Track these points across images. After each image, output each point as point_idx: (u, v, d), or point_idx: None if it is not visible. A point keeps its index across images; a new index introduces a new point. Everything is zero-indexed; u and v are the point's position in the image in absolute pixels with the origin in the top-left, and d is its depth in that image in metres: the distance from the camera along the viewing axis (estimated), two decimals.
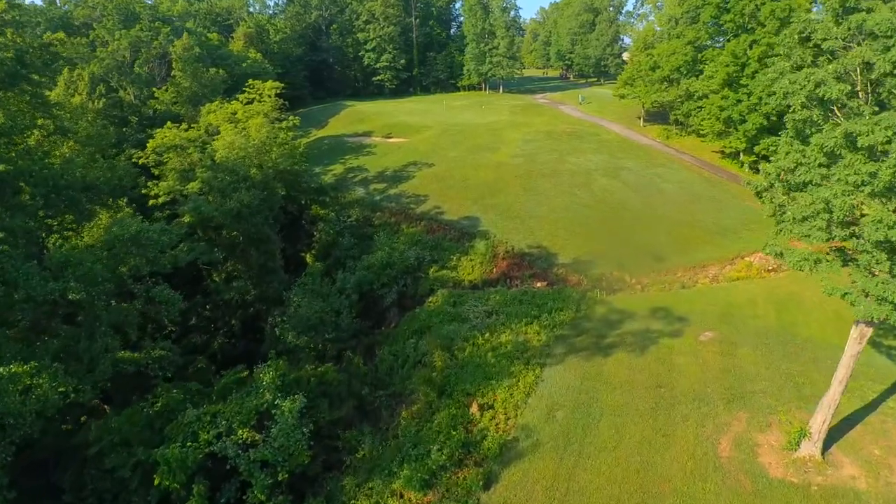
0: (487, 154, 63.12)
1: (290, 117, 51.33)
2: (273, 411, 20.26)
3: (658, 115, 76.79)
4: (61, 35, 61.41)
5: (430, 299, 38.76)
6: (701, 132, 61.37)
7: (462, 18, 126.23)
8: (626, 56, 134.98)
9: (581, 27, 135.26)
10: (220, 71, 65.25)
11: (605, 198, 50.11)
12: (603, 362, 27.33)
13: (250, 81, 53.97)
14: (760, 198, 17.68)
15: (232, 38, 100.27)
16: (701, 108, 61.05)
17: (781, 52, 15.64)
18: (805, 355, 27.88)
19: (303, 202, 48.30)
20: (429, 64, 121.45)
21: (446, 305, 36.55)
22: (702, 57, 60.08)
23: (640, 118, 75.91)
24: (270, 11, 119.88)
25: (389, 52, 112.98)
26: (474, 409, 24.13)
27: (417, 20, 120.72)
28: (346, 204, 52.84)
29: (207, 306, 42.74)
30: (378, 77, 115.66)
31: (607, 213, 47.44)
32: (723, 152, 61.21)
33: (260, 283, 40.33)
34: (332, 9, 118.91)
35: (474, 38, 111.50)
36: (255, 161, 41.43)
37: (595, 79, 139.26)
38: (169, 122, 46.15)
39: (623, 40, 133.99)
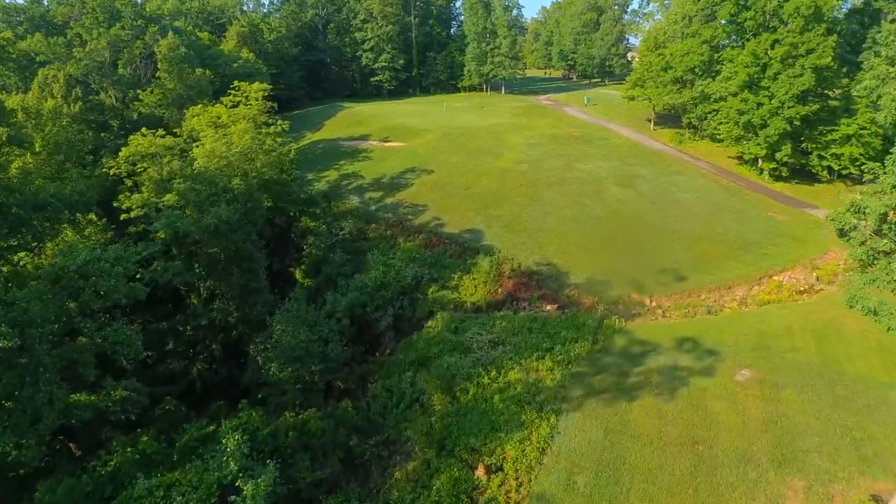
0: (490, 159, 59.52)
1: (279, 121, 47.68)
2: (233, 498, 16.60)
3: (669, 118, 73.19)
4: (38, 36, 57.84)
5: (429, 324, 35.19)
6: (717, 137, 57.75)
7: (463, 17, 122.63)
8: (630, 56, 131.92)
9: (585, 26, 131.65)
10: (207, 72, 61.59)
11: (618, 209, 46.48)
12: (628, 409, 23.73)
13: (236, 83, 50.35)
14: (846, 238, 14.08)
15: (224, 37, 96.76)
16: (717, 111, 57.43)
17: (883, 54, 12.11)
18: (857, 401, 24.29)
19: (291, 214, 44.66)
20: (428, 64, 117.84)
21: (447, 332, 32.97)
22: (718, 57, 56.46)
23: (650, 121, 72.30)
24: (265, 10, 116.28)
25: (388, 52, 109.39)
26: (480, 472, 20.56)
27: (417, 19, 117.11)
28: (338, 215, 49.24)
29: (187, 329, 39.18)
30: (376, 78, 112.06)
31: (621, 226, 43.81)
32: (741, 158, 57.58)
33: (242, 304, 36.73)
34: (328, 7, 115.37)
35: (475, 38, 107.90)
36: (238, 170, 37.81)
37: (599, 79, 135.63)
38: (144, 129, 42.50)
39: (628, 40, 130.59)
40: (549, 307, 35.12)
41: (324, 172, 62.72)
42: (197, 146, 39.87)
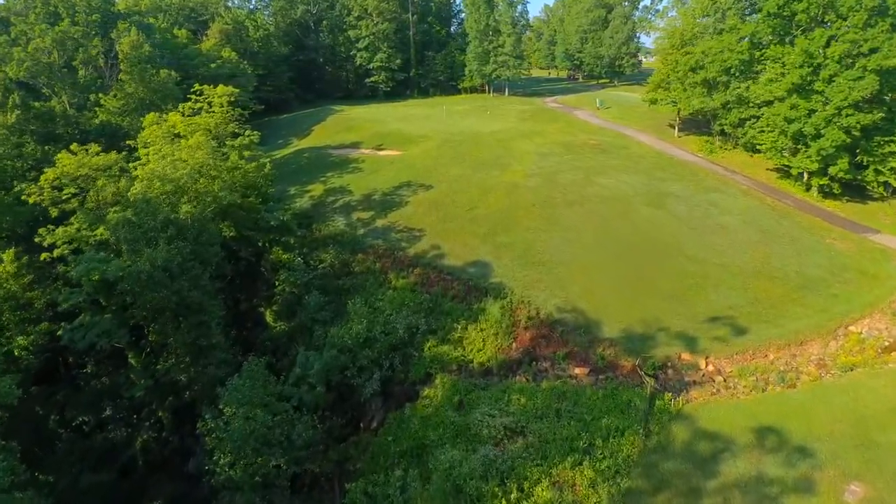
0: (496, 172, 52.12)
1: (247, 132, 40.16)
2: None
3: (693, 124, 65.79)
4: None
5: (426, 391, 27.87)
6: (757, 147, 50.38)
7: (464, 14, 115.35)
8: (651, 54, 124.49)
9: (592, 24, 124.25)
10: (173, 73, 54.13)
11: (651, 235, 39.09)
12: None
13: (196, 86, 42.83)
14: None
15: (206, 35, 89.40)
16: (757, 117, 50.10)
17: None
18: None
19: (260, 244, 37.24)
20: (427, 64, 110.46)
21: (448, 407, 25.67)
22: (760, 55, 49.08)
23: (674, 127, 64.93)
24: (252, 6, 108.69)
25: (384, 52, 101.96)
26: None
27: (415, 16, 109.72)
28: (320, 241, 41.82)
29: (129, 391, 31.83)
30: (371, 79, 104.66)
31: (658, 258, 36.45)
32: (783, 171, 50.19)
33: (194, 363, 29.35)
34: (320, 4, 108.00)
35: (477, 36, 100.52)
36: (189, 195, 30.47)
37: (607, 80, 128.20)
38: (74, 145, 35.04)
39: (639, 38, 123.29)
40: (577, 371, 27.76)
41: (309, 186, 55.35)
42: (136, 166, 32.49)
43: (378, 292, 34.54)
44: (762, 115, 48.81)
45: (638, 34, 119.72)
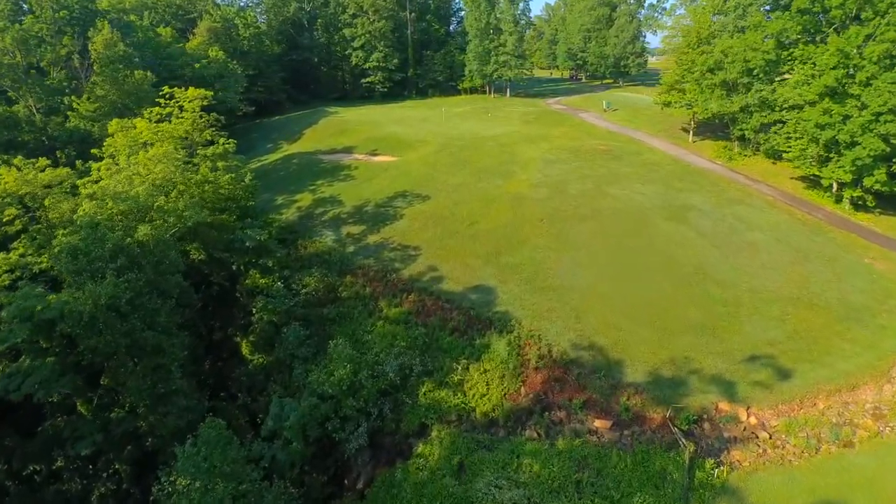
0: (499, 181, 48.16)
1: (222, 140, 36.08)
2: None
3: (707, 127, 61.78)
4: None
5: (421, 447, 23.90)
6: (782, 154, 46.38)
7: (463, 12, 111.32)
8: (648, 56, 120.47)
9: (596, 23, 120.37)
10: (148, 74, 50.02)
11: (673, 255, 35.08)
12: None
13: (166, 89, 38.68)
14: None
15: (193, 34, 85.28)
16: (783, 122, 46.12)
17: None
18: None
19: (235, 267, 33.12)
20: (426, 64, 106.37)
21: (447, 473, 21.70)
22: (787, 55, 45.03)
23: (688, 132, 60.92)
24: (243, 3, 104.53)
25: (380, 51, 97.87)
26: None
27: (413, 14, 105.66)
28: (305, 259, 37.83)
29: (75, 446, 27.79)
30: (367, 79, 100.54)
31: (684, 283, 32.46)
32: (813, 181, 46.15)
33: (152, 411, 25.35)
34: (314, 1, 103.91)
35: (477, 35, 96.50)
36: (147, 215, 26.45)
37: (612, 80, 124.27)
38: (19, 158, 31.00)
39: (645, 37, 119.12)
40: (598, 424, 23.77)
41: (297, 195, 51.38)
42: (86, 183, 28.42)
43: (367, 323, 30.52)
44: (789, 120, 44.79)
45: (644, 33, 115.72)
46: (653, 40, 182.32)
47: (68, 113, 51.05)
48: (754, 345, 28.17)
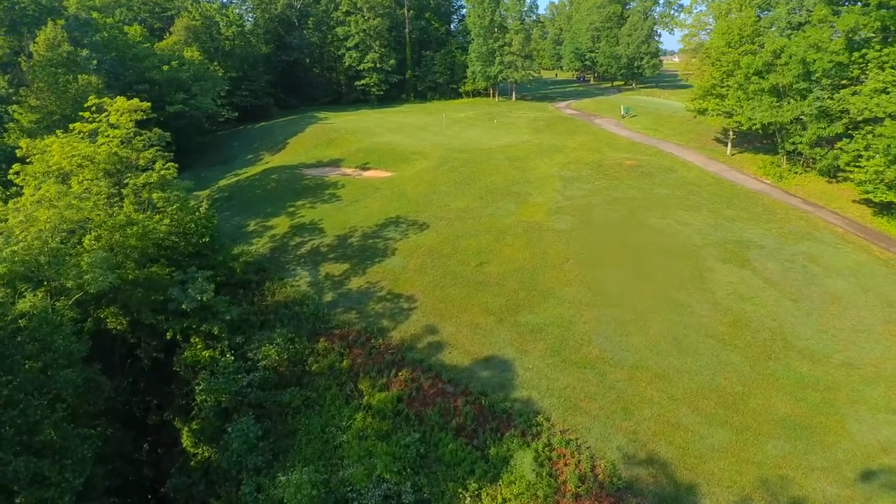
0: (511, 205, 40.43)
1: (158, 166, 28.07)
2: None
3: (744, 138, 53.88)
4: None
5: None
6: (838, 169, 38.68)
7: (465, 10, 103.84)
8: (668, 58, 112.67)
9: (607, 21, 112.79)
10: (93, 79, 42.18)
11: (742, 315, 27.20)
12: None
13: (92, 98, 30.69)
14: None
15: (171, 32, 77.58)
16: (850, 136, 38.41)
17: None
18: None
19: (170, 336, 25.10)
20: (425, 65, 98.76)
21: None
22: (859, 58, 37.18)
23: (726, 143, 53.07)
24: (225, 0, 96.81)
25: (375, 51, 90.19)
26: None
27: (411, 12, 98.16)
28: (269, 311, 30.01)
29: None
30: (362, 81, 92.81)
31: (761, 357, 24.65)
32: (885, 206, 38.31)
33: None
34: None
35: (481, 33, 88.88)
36: (36, 278, 18.78)
37: (623, 82, 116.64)
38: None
39: (660, 35, 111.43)
40: None
41: (272, 220, 43.63)
42: None
43: (342, 415, 22.66)
44: (861, 134, 37.05)
45: (658, 31, 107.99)
46: (666, 40, 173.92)
47: (8, 125, 43.42)
48: (866, 453, 20.44)
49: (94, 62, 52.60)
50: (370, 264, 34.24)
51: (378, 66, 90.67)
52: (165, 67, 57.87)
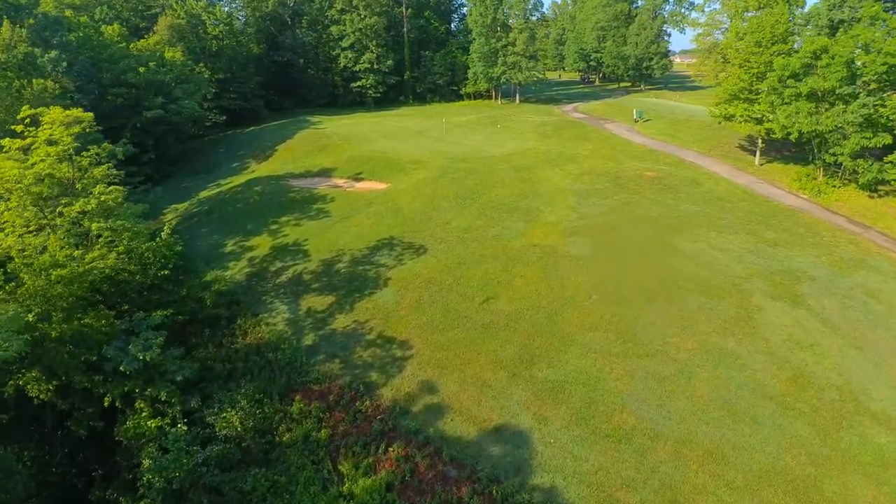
0: (520, 225, 35.88)
1: (97, 190, 23.37)
2: None
3: (772, 146, 49.16)
4: None
5: None
6: (885, 185, 34.22)
7: (466, 8, 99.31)
8: (676, 58, 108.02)
9: (613, 20, 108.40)
10: (49, 83, 37.62)
11: (803, 370, 22.58)
12: None
13: (25, 109, 25.94)
14: None
15: (154, 31, 73.00)
16: None
17: None
18: None
19: (107, 402, 20.44)
20: (424, 66, 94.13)
21: None
22: None
23: (754, 153, 48.43)
24: None
25: (372, 51, 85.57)
26: None
27: (409, 10, 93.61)
28: (239, 357, 25.43)
29: None
30: (358, 83, 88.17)
31: (832, 427, 20.07)
32: None
33: None
34: None
35: (482, 33, 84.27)
36: None
37: (630, 83, 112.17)
38: None
39: (669, 35, 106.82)
40: None
41: (252, 239, 39.13)
42: None
43: None
44: None
45: (668, 30, 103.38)
46: (680, 40, 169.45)
47: None
48: None
49: (64, 64, 48.11)
50: (359, 297, 29.64)
51: (375, 66, 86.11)
52: (142, 69, 53.32)
